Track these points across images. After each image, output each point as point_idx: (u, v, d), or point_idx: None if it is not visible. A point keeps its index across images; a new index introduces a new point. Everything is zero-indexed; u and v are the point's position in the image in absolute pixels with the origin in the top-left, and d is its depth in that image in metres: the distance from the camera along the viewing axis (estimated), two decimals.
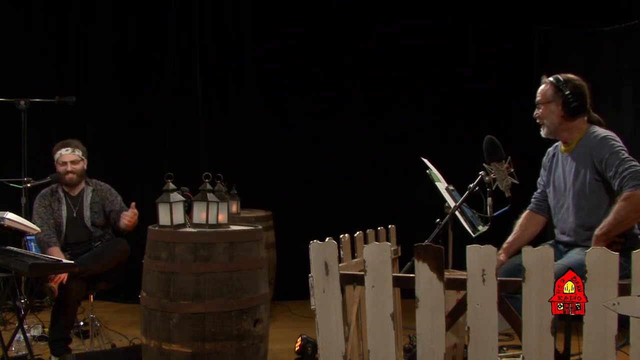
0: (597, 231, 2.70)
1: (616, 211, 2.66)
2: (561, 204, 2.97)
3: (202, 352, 2.82)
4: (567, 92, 2.88)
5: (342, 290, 2.36)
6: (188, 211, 3.24)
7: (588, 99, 2.94)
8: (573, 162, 2.91)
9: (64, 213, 4.04)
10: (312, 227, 5.24)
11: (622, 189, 2.67)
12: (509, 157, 2.93)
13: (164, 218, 3.06)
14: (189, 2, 5.78)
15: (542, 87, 2.98)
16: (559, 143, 3.08)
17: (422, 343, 2.18)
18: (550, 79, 2.96)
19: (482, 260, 2.09)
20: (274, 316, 4.77)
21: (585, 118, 2.94)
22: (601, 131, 2.88)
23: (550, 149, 3.15)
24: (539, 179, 3.20)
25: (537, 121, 3.01)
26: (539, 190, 3.19)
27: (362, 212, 5.68)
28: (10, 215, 3.27)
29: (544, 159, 3.17)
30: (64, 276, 3.60)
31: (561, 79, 2.92)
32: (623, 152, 2.75)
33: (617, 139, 2.83)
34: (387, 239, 3.20)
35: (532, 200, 3.20)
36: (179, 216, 3.09)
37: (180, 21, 5.79)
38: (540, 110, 2.96)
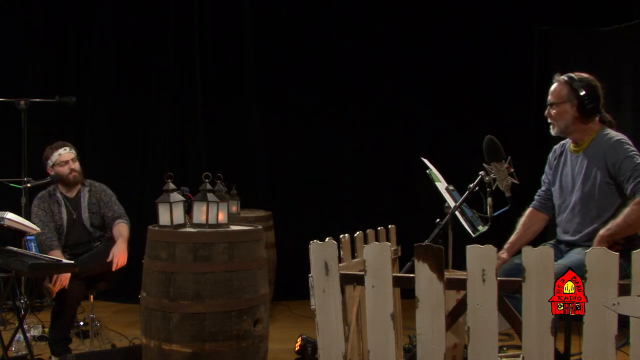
0: (602, 231, 2.69)
1: (627, 214, 2.65)
2: (567, 204, 2.94)
3: (202, 352, 2.82)
4: (582, 93, 2.80)
5: (342, 290, 2.36)
6: (188, 211, 3.24)
7: (602, 99, 2.86)
8: (583, 163, 2.86)
9: (65, 216, 4.02)
10: (312, 227, 5.27)
11: (635, 194, 2.66)
12: (509, 157, 2.90)
13: (164, 218, 3.06)
14: (189, 2, 5.77)
15: (555, 86, 2.90)
16: (566, 141, 3.04)
17: (422, 343, 2.17)
18: (565, 77, 2.87)
19: (482, 260, 2.08)
20: (274, 316, 4.77)
21: (597, 118, 2.88)
22: (614, 134, 2.84)
23: (556, 147, 3.09)
24: (543, 177, 3.15)
25: (549, 120, 2.93)
26: (542, 188, 3.14)
27: (362, 212, 5.68)
28: (10, 215, 3.26)
29: (550, 155, 3.12)
30: (64, 280, 3.60)
31: (576, 78, 2.84)
32: (637, 156, 2.73)
33: (630, 142, 2.79)
34: (387, 239, 3.19)
35: (536, 197, 3.16)
36: (179, 216, 3.09)
37: (180, 21, 5.79)
38: (554, 111, 2.88)
